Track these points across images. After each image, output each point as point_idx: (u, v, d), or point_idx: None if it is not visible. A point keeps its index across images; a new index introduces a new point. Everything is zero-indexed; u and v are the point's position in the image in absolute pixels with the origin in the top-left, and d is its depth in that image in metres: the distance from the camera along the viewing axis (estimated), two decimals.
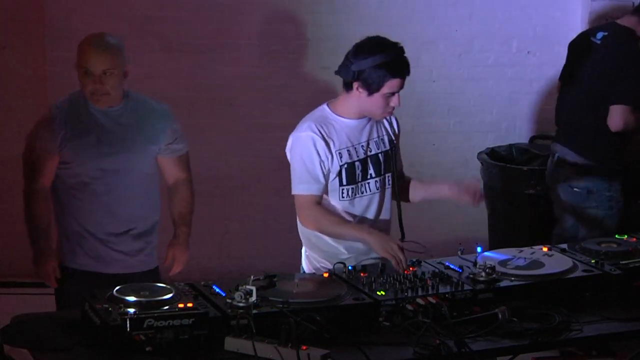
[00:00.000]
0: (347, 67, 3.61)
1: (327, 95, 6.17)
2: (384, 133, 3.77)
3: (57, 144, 3.76)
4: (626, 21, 4.99)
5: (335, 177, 3.64)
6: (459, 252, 3.54)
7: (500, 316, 3.02)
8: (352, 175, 3.66)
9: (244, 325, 2.84)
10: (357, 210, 3.69)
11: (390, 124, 3.82)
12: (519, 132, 6.19)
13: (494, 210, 5.71)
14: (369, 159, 3.70)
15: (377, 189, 3.72)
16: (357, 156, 3.67)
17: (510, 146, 5.88)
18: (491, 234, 5.76)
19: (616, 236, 3.75)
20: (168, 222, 4.05)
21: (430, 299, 3.07)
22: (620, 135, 4.87)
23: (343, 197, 3.65)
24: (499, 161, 5.69)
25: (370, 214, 3.72)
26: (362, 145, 3.69)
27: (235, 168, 6.17)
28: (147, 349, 2.77)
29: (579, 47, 5.10)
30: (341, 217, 3.61)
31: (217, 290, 3.08)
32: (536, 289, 3.25)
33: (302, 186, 3.59)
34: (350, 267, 3.33)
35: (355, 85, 3.60)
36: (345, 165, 3.64)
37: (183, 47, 6.00)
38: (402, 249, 3.34)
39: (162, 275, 4.01)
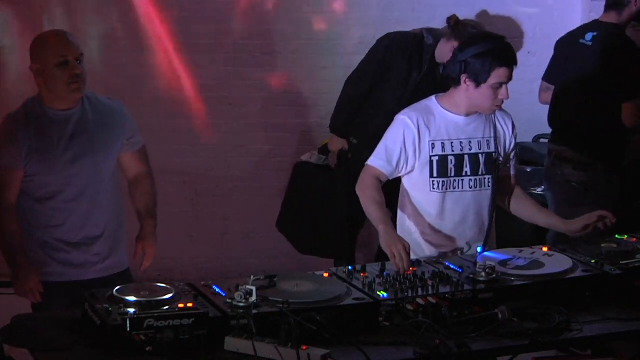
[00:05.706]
0: (454, 62, 3.65)
1: (327, 95, 6.23)
2: (491, 135, 3.78)
3: (23, 158, 3.59)
4: (608, 17, 5.00)
5: (425, 168, 3.68)
6: (459, 252, 3.54)
7: (500, 316, 3.02)
8: (444, 168, 3.69)
9: (244, 325, 2.84)
10: (449, 205, 3.72)
11: (507, 129, 3.84)
12: (520, 132, 6.15)
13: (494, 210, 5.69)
14: (466, 156, 3.72)
15: (471, 188, 3.74)
16: (452, 151, 3.70)
17: None
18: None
19: (616, 236, 3.75)
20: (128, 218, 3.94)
21: (430, 299, 3.06)
22: (618, 131, 4.87)
23: (434, 188, 3.70)
24: None
25: (461, 212, 3.75)
26: (461, 142, 3.72)
27: (235, 168, 6.17)
28: (147, 349, 2.76)
29: (568, 49, 5.11)
30: (382, 199, 3.62)
31: (217, 290, 3.07)
32: (536, 289, 3.24)
33: (374, 158, 3.72)
34: (350, 267, 3.33)
35: (463, 78, 3.63)
36: (437, 157, 3.68)
37: (183, 47, 6.00)
38: (407, 253, 3.33)
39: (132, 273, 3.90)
